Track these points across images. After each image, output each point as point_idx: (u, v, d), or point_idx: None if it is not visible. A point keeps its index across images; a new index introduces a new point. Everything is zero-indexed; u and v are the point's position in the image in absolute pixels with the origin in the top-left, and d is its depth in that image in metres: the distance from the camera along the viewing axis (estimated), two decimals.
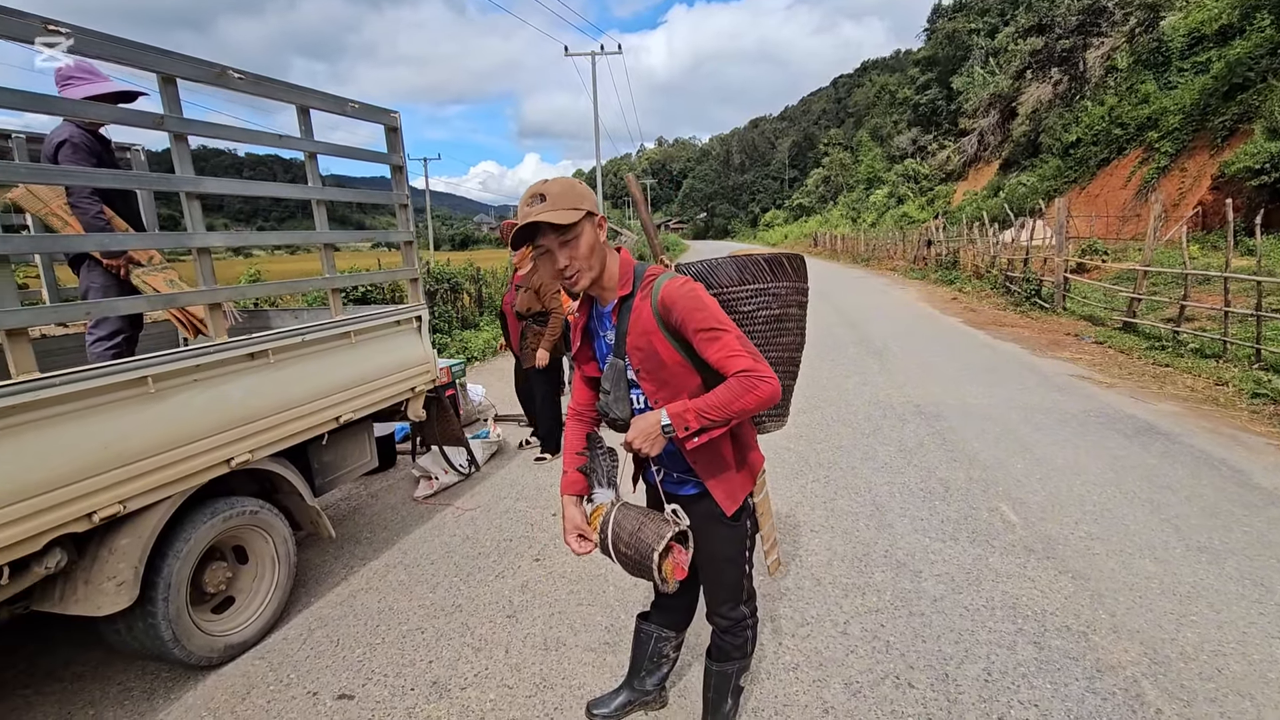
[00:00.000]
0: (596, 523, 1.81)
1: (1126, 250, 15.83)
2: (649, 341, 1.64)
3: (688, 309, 1.58)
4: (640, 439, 1.61)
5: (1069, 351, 8.44)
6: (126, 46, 2.23)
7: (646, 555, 1.67)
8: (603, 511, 1.81)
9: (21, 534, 1.92)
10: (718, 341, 1.57)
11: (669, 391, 1.68)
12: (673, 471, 1.83)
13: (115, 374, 2.18)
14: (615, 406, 1.72)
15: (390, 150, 3.56)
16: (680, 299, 1.59)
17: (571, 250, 1.59)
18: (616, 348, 1.72)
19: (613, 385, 1.72)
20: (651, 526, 1.71)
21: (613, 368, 1.72)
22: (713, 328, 1.58)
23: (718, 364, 1.58)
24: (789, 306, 1.91)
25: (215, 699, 2.44)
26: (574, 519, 1.88)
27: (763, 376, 1.55)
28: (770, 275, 1.86)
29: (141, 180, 2.68)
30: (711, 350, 1.58)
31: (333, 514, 4.09)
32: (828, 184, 62.06)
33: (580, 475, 1.91)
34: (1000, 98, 32.86)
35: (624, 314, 1.69)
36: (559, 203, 1.54)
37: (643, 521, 1.73)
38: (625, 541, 1.72)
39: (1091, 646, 2.57)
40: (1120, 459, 4.55)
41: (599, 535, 1.78)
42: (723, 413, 1.56)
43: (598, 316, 1.80)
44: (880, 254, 29.95)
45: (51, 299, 3.59)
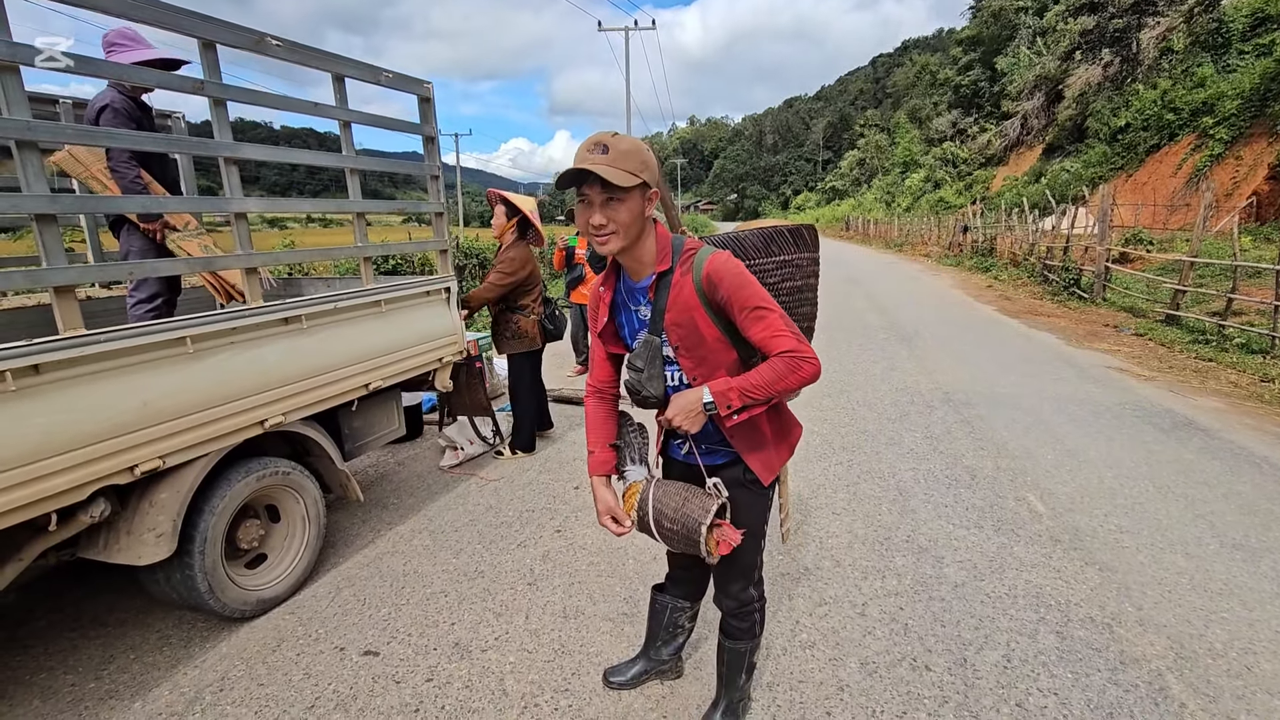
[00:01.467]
0: (633, 500, 1.79)
1: (1173, 241, 15.27)
2: (691, 318, 1.61)
3: (735, 285, 1.56)
4: (681, 416, 1.62)
5: (1107, 343, 8.21)
6: (168, 10, 2.26)
7: (694, 530, 1.67)
8: (638, 489, 1.79)
9: (69, 483, 2.01)
10: (764, 320, 1.56)
11: (707, 368, 1.66)
12: (701, 444, 1.81)
13: (156, 334, 2.25)
14: (650, 384, 1.68)
15: (422, 121, 3.58)
16: (727, 275, 1.57)
17: (612, 212, 1.53)
18: (653, 324, 1.68)
19: (646, 363, 1.68)
20: (696, 501, 1.71)
21: (647, 345, 1.68)
22: (759, 306, 1.56)
23: (761, 342, 1.57)
24: (808, 277, 1.94)
25: (248, 649, 2.54)
26: (606, 500, 1.84)
27: (806, 357, 1.55)
28: (794, 247, 1.89)
29: (181, 144, 2.73)
30: (757, 329, 1.57)
31: (361, 479, 4.19)
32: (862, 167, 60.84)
33: (609, 454, 1.89)
34: (1046, 79, 31.70)
35: (662, 290, 1.64)
36: (619, 161, 1.49)
37: (686, 497, 1.73)
38: (670, 517, 1.71)
39: (1116, 639, 2.53)
40: (1155, 453, 4.44)
41: (637, 512, 1.76)
42: (766, 391, 1.56)
43: (627, 291, 1.75)
44: (914, 239, 29.36)
45: (95, 260, 3.70)
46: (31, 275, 2.05)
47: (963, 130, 41.66)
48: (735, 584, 1.91)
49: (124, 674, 2.40)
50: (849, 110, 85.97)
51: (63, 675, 2.40)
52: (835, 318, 10.14)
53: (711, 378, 1.64)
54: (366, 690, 2.31)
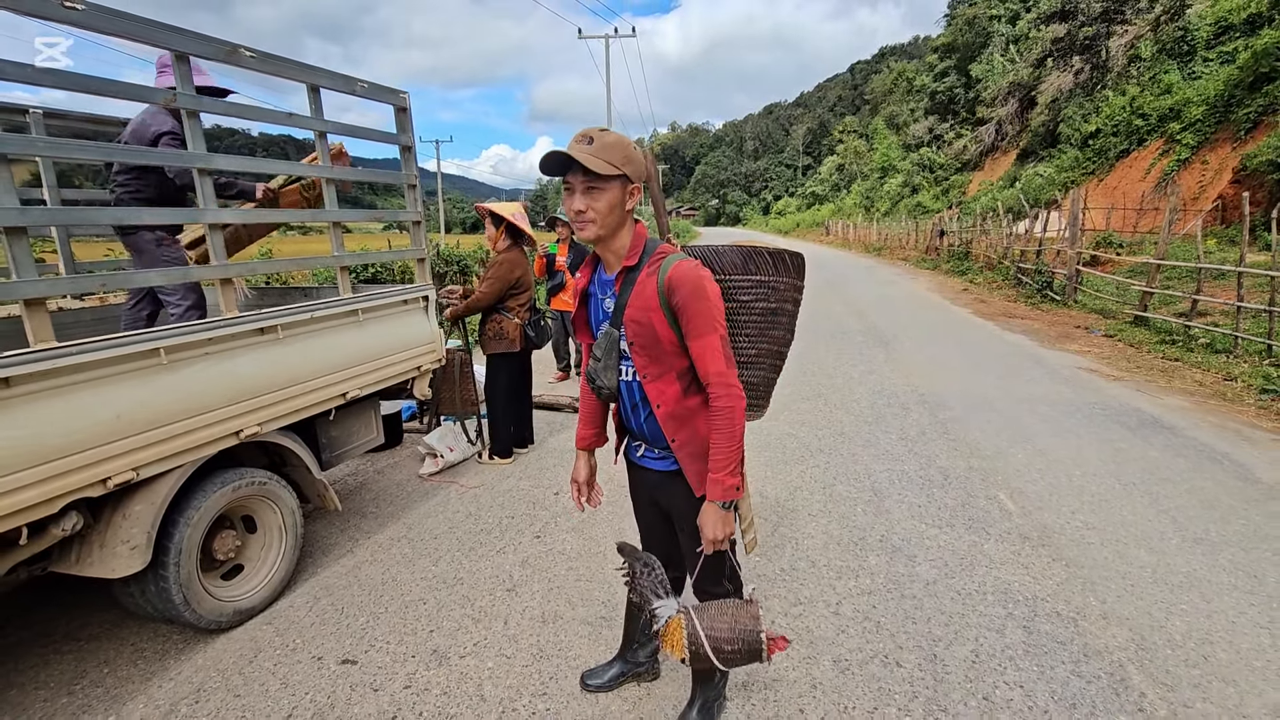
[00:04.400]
0: (679, 638, 1.71)
1: (1142, 244, 15.63)
2: (648, 318, 1.67)
3: (690, 294, 1.63)
4: (715, 532, 1.70)
5: (1078, 344, 8.39)
6: (139, 23, 2.27)
7: (756, 642, 1.71)
8: (680, 624, 1.73)
9: (39, 496, 2.00)
10: (704, 338, 1.65)
11: (659, 368, 1.72)
12: (654, 448, 1.88)
13: (128, 345, 2.25)
14: (603, 375, 1.78)
15: (399, 130, 3.60)
16: (686, 283, 1.63)
17: (592, 200, 1.61)
18: (614, 318, 1.75)
19: (604, 354, 1.77)
20: (744, 615, 1.74)
21: (607, 336, 1.76)
22: (705, 322, 1.64)
23: (696, 356, 1.67)
24: (785, 302, 1.95)
25: (224, 661, 2.53)
26: (580, 471, 2.05)
27: (730, 386, 1.65)
28: (773, 269, 1.91)
29: (153, 155, 2.72)
30: (695, 343, 1.65)
31: (340, 488, 4.17)
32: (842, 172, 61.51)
33: (591, 430, 2.04)
34: (1020, 86, 32.32)
35: (627, 285, 1.72)
36: (602, 153, 1.58)
37: (733, 614, 1.75)
38: (729, 640, 1.71)
39: (1080, 632, 2.61)
40: (1122, 451, 4.56)
41: (688, 648, 1.70)
42: (735, 450, 1.67)
43: (599, 283, 1.84)
44: (892, 244, 29.73)
45: (67, 273, 3.66)
46: (1, 288, 2.04)
47: (939, 136, 42.29)
48: (707, 579, 1.94)
49: (97, 688, 2.38)
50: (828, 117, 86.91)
51: (34, 691, 2.38)
52: (814, 322, 10.25)
53: (663, 379, 1.72)
54: (344, 699, 2.31)
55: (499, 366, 4.48)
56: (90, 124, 3.83)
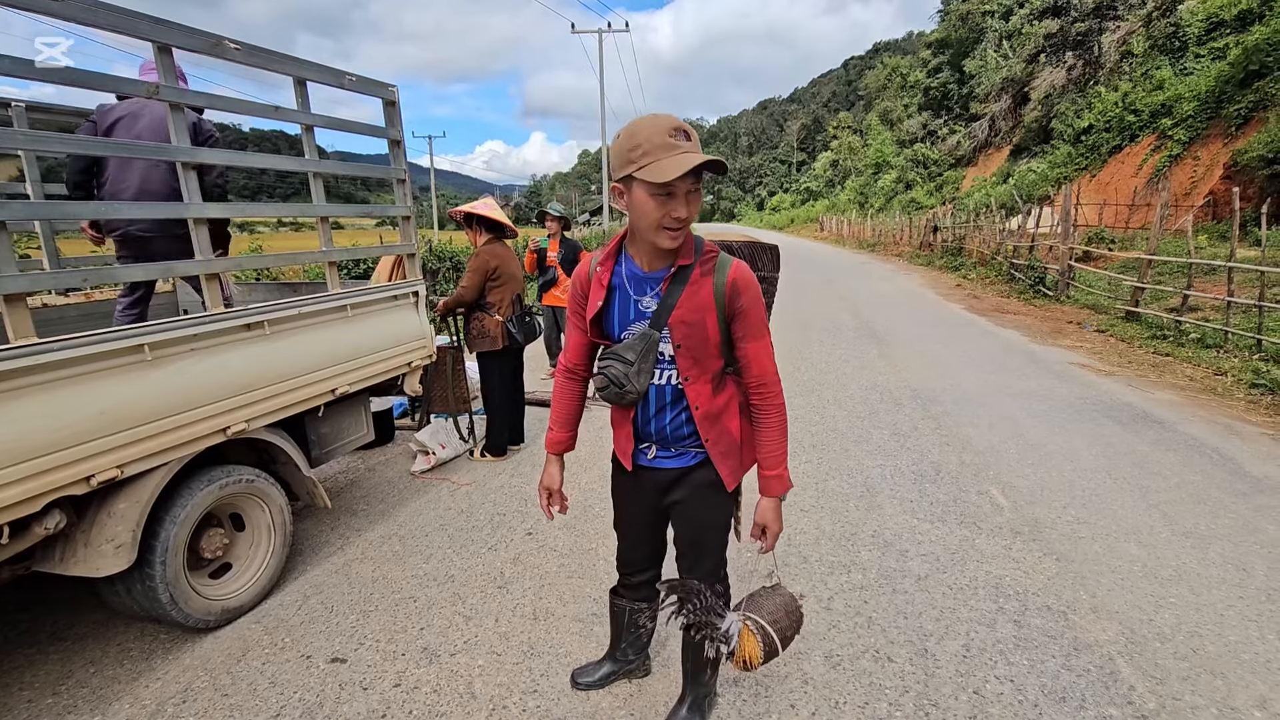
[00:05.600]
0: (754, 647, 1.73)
1: (1134, 239, 15.70)
2: (702, 319, 1.61)
3: (754, 297, 1.64)
4: (778, 525, 1.76)
5: (1070, 340, 8.42)
6: (121, 14, 2.23)
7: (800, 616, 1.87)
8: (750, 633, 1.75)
9: (21, 495, 1.97)
10: (761, 339, 1.67)
11: (699, 370, 1.68)
12: (670, 448, 1.81)
13: (112, 341, 2.22)
14: (636, 379, 1.65)
15: (388, 124, 3.56)
16: (752, 286, 1.64)
17: (694, 202, 1.51)
18: (656, 319, 1.63)
19: (639, 357, 1.64)
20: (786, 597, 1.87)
21: (645, 339, 1.64)
22: (763, 324, 1.67)
23: (752, 357, 1.67)
24: (771, 297, 2.00)
25: (212, 660, 2.50)
26: (552, 477, 1.94)
27: (779, 384, 1.71)
28: (771, 265, 1.97)
29: (137, 149, 2.69)
30: (754, 346, 1.66)
31: (330, 486, 4.15)
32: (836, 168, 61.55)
33: (566, 434, 1.94)
34: (1013, 82, 32.36)
35: (677, 286, 1.61)
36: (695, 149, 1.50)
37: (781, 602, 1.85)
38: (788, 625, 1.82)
39: (1070, 626, 2.61)
40: (1113, 446, 4.57)
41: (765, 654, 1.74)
42: (785, 446, 1.75)
43: (632, 279, 1.68)
44: (886, 239, 29.78)
45: (51, 268, 3.62)
46: None
47: (933, 132, 42.33)
48: (705, 579, 1.90)
49: (82, 689, 2.36)
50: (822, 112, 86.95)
51: (18, 692, 2.35)
52: (809, 317, 10.26)
53: (700, 380, 1.69)
54: (333, 697, 2.29)
55: (489, 364, 4.46)
56: (76, 118, 3.78)
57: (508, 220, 4.40)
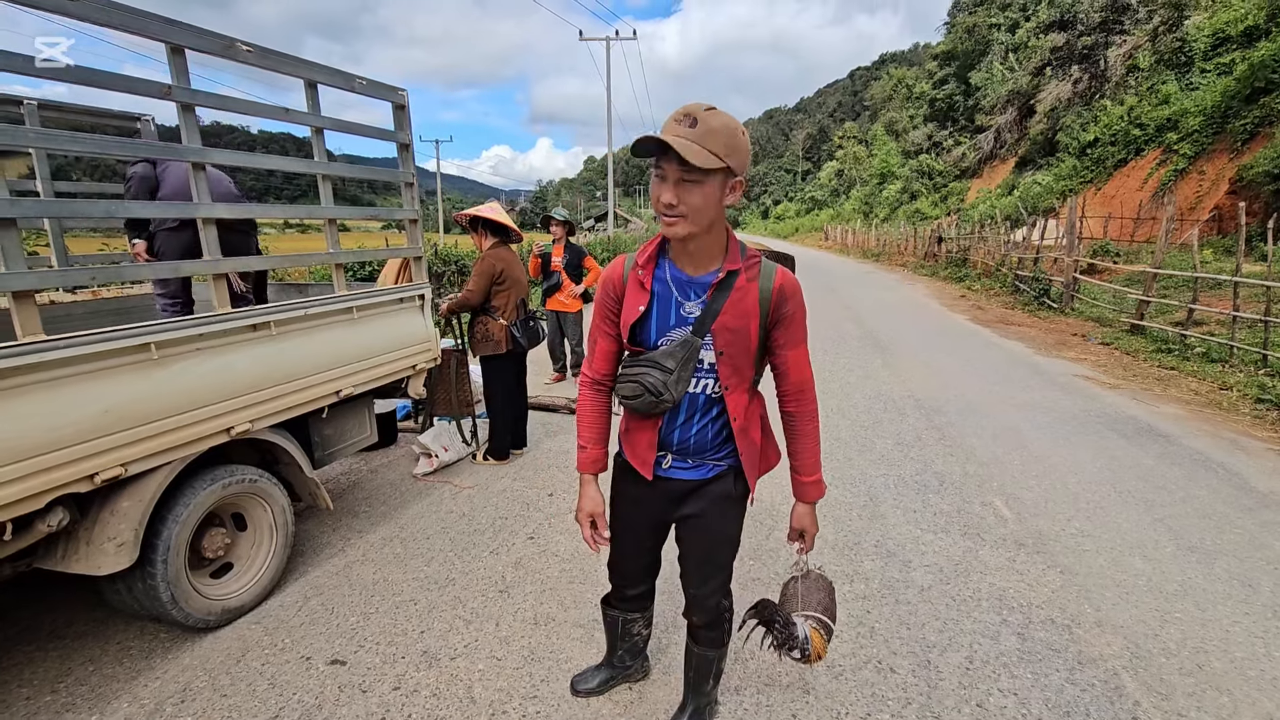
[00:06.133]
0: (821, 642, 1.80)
1: (1139, 252, 15.68)
2: (746, 326, 1.58)
3: (799, 304, 1.64)
4: (814, 528, 1.80)
5: (1074, 352, 8.40)
6: (135, 15, 2.25)
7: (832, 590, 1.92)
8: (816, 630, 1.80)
9: (24, 491, 1.97)
10: (801, 347, 1.67)
11: (739, 378, 1.66)
12: (689, 458, 1.76)
13: (118, 339, 2.22)
14: (675, 387, 1.59)
15: (397, 128, 3.58)
16: (797, 293, 1.63)
17: (685, 193, 1.42)
18: (699, 325, 1.58)
19: (680, 365, 1.58)
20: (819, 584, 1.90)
21: (687, 346, 1.58)
22: (804, 331, 1.67)
23: (792, 364, 1.67)
24: None
25: (211, 660, 2.50)
26: (594, 501, 1.80)
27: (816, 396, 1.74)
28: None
29: (149, 149, 2.70)
30: (795, 353, 1.66)
31: (332, 488, 4.15)
32: (841, 177, 61.66)
33: (602, 451, 1.82)
34: (1019, 94, 32.43)
35: (723, 291, 1.56)
36: (704, 139, 1.37)
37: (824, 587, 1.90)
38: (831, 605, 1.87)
39: (1074, 639, 2.59)
40: (1117, 459, 4.55)
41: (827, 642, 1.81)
42: (820, 452, 1.78)
43: (676, 283, 1.61)
44: (891, 249, 29.78)
45: (59, 266, 3.64)
46: None
47: (938, 143, 42.40)
48: (713, 596, 1.89)
49: (81, 686, 2.35)
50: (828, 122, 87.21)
51: (17, 689, 2.34)
52: (812, 325, 10.14)
53: (738, 390, 1.68)
54: (332, 700, 2.28)
55: (494, 368, 4.45)
56: (88, 117, 3.81)
57: (513, 224, 4.41)
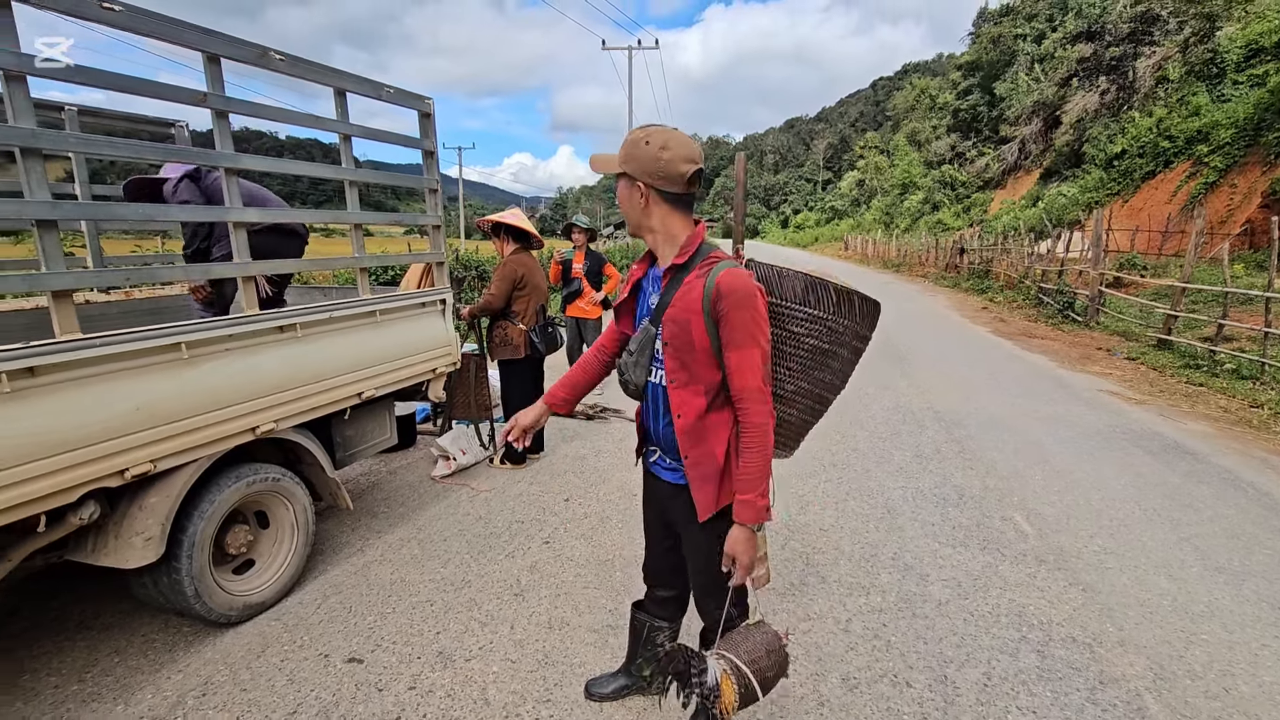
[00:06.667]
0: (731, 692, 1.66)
1: (1167, 266, 15.39)
2: (687, 321, 1.62)
3: (735, 304, 1.56)
4: (745, 557, 1.63)
5: (1099, 366, 8.26)
6: (173, 25, 2.32)
7: (785, 658, 1.76)
8: (726, 674, 1.67)
9: (59, 484, 2.03)
10: (744, 350, 1.57)
11: (687, 375, 1.65)
12: (665, 457, 1.83)
13: (151, 339, 2.28)
14: (633, 370, 1.75)
15: (423, 135, 3.64)
16: (735, 291, 1.56)
17: (618, 192, 1.72)
18: (654, 315, 1.71)
19: (638, 350, 1.74)
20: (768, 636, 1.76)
21: (645, 332, 1.73)
22: (747, 334, 1.57)
23: (734, 368, 1.59)
24: (840, 346, 1.78)
25: (232, 654, 2.54)
26: (529, 415, 1.93)
27: (766, 404, 1.60)
28: (834, 308, 1.75)
29: (183, 154, 2.78)
30: (735, 354, 1.58)
31: (352, 488, 4.20)
32: (862, 187, 61.29)
33: (566, 395, 1.97)
34: (1044, 105, 32.06)
35: (673, 284, 1.68)
36: (621, 149, 1.67)
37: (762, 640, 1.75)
38: (768, 667, 1.72)
39: (1096, 658, 2.55)
40: (1143, 476, 4.47)
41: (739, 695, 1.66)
42: (766, 469, 1.62)
43: (651, 277, 1.81)
44: (911, 260, 29.55)
45: (95, 267, 3.74)
46: (30, 279, 2.09)
47: (961, 154, 42.01)
48: (709, 600, 1.89)
49: (107, 677, 2.41)
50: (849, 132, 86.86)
51: (46, 677, 2.41)
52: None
53: (689, 388, 1.65)
54: (349, 697, 2.31)
55: (512, 372, 4.50)
56: (124, 122, 3.92)
57: (535, 230, 4.46)
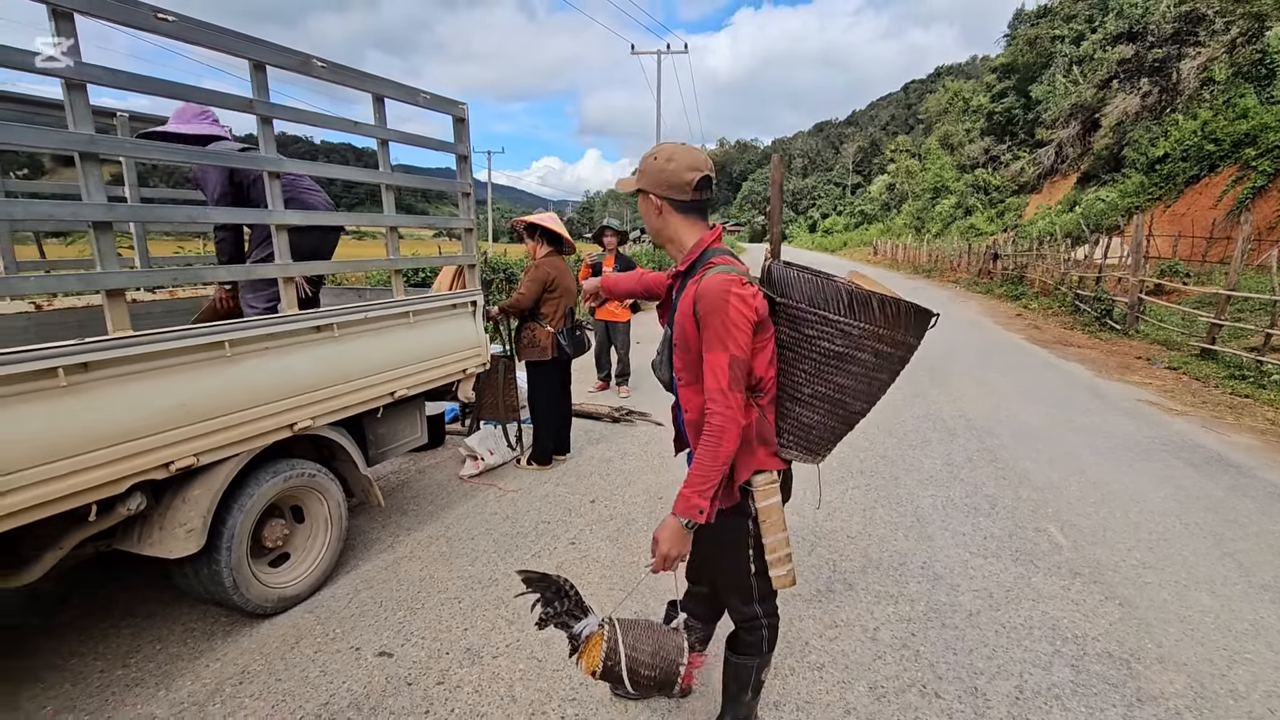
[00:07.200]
0: (596, 654, 1.67)
1: (1211, 273, 14.91)
2: (683, 322, 1.69)
3: (707, 308, 1.60)
4: (665, 547, 1.64)
5: (1138, 376, 8.04)
6: (222, 34, 2.40)
7: (673, 673, 1.67)
8: (599, 638, 1.68)
9: (110, 475, 2.11)
10: (712, 353, 1.61)
11: (691, 374, 1.72)
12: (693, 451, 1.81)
13: (196, 337, 2.36)
14: (660, 369, 1.88)
15: (457, 140, 3.70)
16: (707, 296, 1.59)
17: (639, 206, 1.82)
18: (669, 317, 1.86)
19: (661, 349, 1.87)
20: (670, 642, 1.71)
21: (665, 334, 1.86)
22: (715, 338, 1.60)
23: (705, 370, 1.64)
24: (859, 350, 1.71)
25: (268, 645, 2.61)
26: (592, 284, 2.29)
27: (728, 408, 1.59)
28: (845, 310, 1.68)
29: (229, 159, 2.87)
30: (706, 357, 1.63)
31: (382, 485, 4.28)
32: (892, 191, 60.51)
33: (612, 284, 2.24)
34: (1082, 108, 31.31)
35: (679, 289, 1.79)
36: (638, 170, 1.78)
37: (659, 640, 1.71)
38: (647, 665, 1.67)
39: (1133, 675, 2.48)
40: (1184, 489, 4.34)
41: (603, 663, 1.65)
42: (715, 471, 1.61)
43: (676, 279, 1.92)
44: (943, 265, 29.08)
45: (142, 267, 3.87)
46: (86, 278, 2.18)
47: (995, 157, 41.23)
48: (733, 598, 1.91)
49: (149, 663, 2.49)
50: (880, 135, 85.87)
51: (92, 661, 2.50)
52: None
53: (694, 387, 1.71)
54: (379, 690, 2.36)
55: (539, 373, 4.54)
56: None
57: (568, 236, 4.51)
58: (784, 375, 1.74)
